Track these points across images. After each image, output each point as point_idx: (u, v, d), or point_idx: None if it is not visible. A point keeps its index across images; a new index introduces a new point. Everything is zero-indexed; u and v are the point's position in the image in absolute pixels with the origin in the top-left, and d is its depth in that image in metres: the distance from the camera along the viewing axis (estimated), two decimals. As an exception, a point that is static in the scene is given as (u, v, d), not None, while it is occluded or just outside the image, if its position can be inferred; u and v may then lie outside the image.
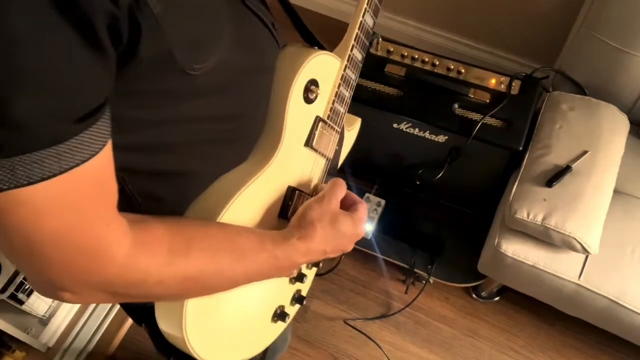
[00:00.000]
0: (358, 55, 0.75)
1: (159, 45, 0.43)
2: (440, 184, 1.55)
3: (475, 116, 1.44)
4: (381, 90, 1.49)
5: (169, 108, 0.50)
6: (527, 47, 1.97)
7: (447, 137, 1.47)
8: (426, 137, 1.50)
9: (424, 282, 1.69)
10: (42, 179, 0.38)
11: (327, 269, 1.75)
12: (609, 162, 1.37)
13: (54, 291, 0.46)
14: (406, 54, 1.54)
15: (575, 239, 1.27)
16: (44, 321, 1.49)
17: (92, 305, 1.61)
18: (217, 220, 0.59)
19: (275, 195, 0.67)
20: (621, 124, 1.45)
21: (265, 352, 0.81)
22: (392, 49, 1.54)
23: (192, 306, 0.60)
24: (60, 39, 0.36)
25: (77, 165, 0.40)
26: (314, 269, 0.85)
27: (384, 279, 1.74)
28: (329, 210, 0.65)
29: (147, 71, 0.44)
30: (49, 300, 1.49)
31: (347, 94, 0.76)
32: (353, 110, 1.63)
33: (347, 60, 0.73)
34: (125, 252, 0.46)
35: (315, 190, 0.75)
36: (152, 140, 0.52)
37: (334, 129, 0.75)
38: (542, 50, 1.91)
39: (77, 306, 1.58)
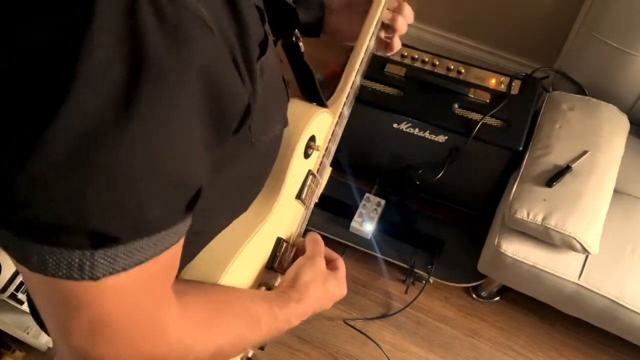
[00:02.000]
0: (346, 112, 0.78)
1: (248, 121, 0.44)
2: (440, 184, 1.55)
3: (475, 116, 1.44)
4: (381, 90, 1.49)
5: (229, 172, 0.51)
6: (527, 47, 1.97)
7: (447, 137, 1.47)
8: (426, 137, 1.50)
9: (424, 282, 1.69)
10: (137, 264, 0.37)
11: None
12: (609, 162, 1.37)
13: None
14: (406, 54, 1.54)
15: (575, 239, 1.27)
16: (44, 321, 1.49)
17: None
18: (221, 276, 0.59)
19: (268, 246, 0.69)
20: (621, 124, 1.45)
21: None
22: (392, 49, 1.54)
23: None
24: (197, 129, 0.37)
25: (167, 249, 0.40)
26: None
27: (384, 279, 1.74)
28: (320, 271, 0.67)
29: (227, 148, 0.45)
30: (49, 300, 1.48)
31: (333, 148, 0.79)
32: (353, 110, 1.63)
33: (338, 118, 0.75)
34: (174, 329, 0.46)
35: (293, 240, 0.76)
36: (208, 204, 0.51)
37: (318, 181, 0.78)
38: (542, 50, 1.91)
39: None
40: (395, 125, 1.51)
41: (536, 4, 1.82)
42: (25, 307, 1.39)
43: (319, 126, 0.70)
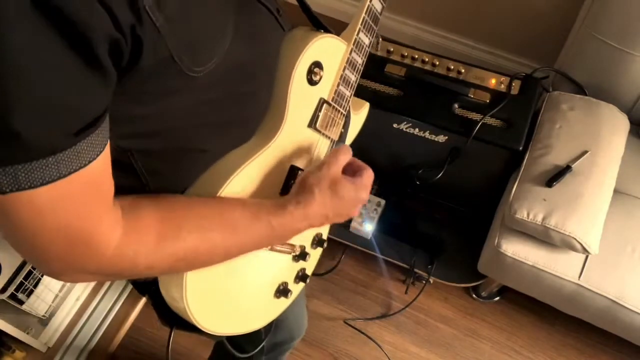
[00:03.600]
0: (365, 40, 0.75)
1: (160, 53, 0.44)
2: (440, 184, 1.55)
3: (475, 116, 1.44)
4: (381, 90, 1.49)
5: (171, 102, 0.52)
6: (527, 47, 1.97)
7: (447, 137, 1.47)
8: (426, 137, 1.50)
9: (424, 282, 1.69)
10: (42, 184, 0.41)
11: (327, 269, 1.75)
12: (609, 162, 1.37)
13: (54, 275, 0.51)
14: (406, 54, 1.54)
15: (575, 239, 1.27)
16: (44, 321, 1.49)
17: (93, 305, 1.61)
18: (217, 194, 0.61)
19: (278, 173, 0.68)
20: (621, 124, 1.45)
21: (269, 327, 0.83)
22: (392, 49, 1.54)
23: (192, 275, 0.62)
24: (58, 59, 0.38)
25: (75, 171, 0.43)
26: (319, 249, 0.86)
27: (384, 279, 1.74)
28: (328, 175, 0.64)
29: (147, 76, 0.45)
30: (48, 300, 1.49)
31: (354, 77, 0.76)
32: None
33: (353, 44, 0.73)
34: (115, 242, 0.50)
35: None
36: (155, 128, 0.54)
37: (339, 112, 0.75)
38: (542, 50, 1.91)
39: (77, 306, 1.58)
40: (395, 125, 1.51)
41: (536, 4, 1.82)
42: (25, 306, 1.39)
43: (324, 51, 0.68)
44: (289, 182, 0.69)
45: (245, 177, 0.63)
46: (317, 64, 0.67)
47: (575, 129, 1.41)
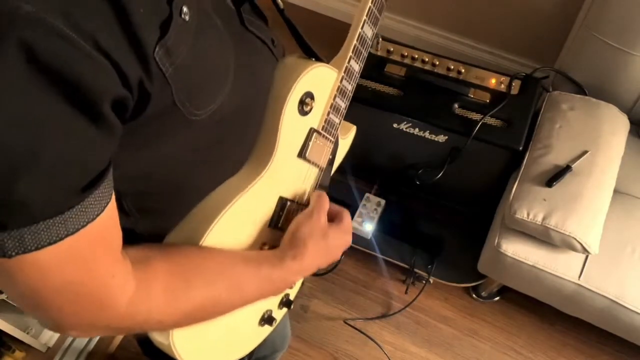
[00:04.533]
0: (355, 67, 0.75)
1: (164, 100, 0.44)
2: (440, 184, 1.55)
3: (475, 116, 1.44)
4: (381, 90, 1.49)
5: (167, 144, 0.51)
6: (527, 47, 1.97)
7: (447, 137, 1.47)
8: (426, 137, 1.50)
9: (424, 282, 1.69)
10: (50, 244, 0.40)
11: (327, 269, 1.75)
12: (609, 162, 1.37)
13: (63, 331, 0.48)
14: (406, 54, 1.54)
15: (575, 239, 1.27)
16: (44, 321, 1.49)
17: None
18: (205, 235, 0.60)
19: (267, 206, 0.68)
20: (621, 124, 1.45)
21: (251, 353, 0.82)
22: (392, 49, 1.54)
23: None
24: (64, 122, 0.37)
25: (83, 227, 0.41)
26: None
27: (384, 279, 1.74)
28: (319, 226, 0.67)
29: (146, 121, 0.44)
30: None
31: (343, 104, 0.76)
32: (353, 110, 1.63)
33: (344, 72, 0.72)
34: (128, 298, 0.48)
35: (307, 200, 0.76)
36: (149, 169, 0.53)
37: (329, 139, 0.75)
38: (542, 50, 1.92)
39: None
40: (395, 125, 1.50)
41: (536, 4, 1.82)
42: (25, 307, 1.39)
43: (315, 81, 0.67)
44: (277, 215, 0.69)
45: (234, 213, 0.62)
46: (309, 95, 0.66)
47: (575, 129, 1.41)
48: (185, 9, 0.42)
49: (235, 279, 0.59)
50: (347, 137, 0.89)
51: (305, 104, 0.66)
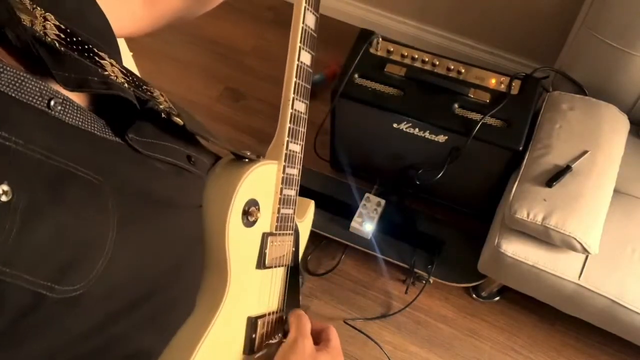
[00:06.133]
0: (296, 148, 0.66)
1: (15, 298, 0.34)
2: (440, 184, 1.55)
3: (475, 116, 1.44)
4: (381, 90, 1.49)
5: (57, 337, 0.40)
6: (527, 47, 1.97)
7: (447, 137, 1.47)
8: (426, 137, 1.50)
9: (424, 282, 1.69)
10: None
11: (327, 269, 1.75)
12: (609, 162, 1.37)
13: None
14: (406, 54, 1.54)
15: (575, 239, 1.27)
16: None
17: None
18: None
19: (236, 333, 0.62)
20: (621, 124, 1.45)
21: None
22: (392, 49, 1.54)
23: None
24: None
25: None
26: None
27: (384, 279, 1.74)
28: (306, 354, 0.61)
29: (11, 323, 0.35)
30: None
31: (293, 192, 0.67)
32: (353, 110, 1.63)
33: (285, 160, 0.64)
34: None
35: (279, 309, 0.70)
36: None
37: (287, 234, 0.68)
38: (542, 50, 1.92)
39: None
40: (395, 125, 1.51)
41: (536, 4, 1.82)
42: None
43: (256, 185, 0.59)
44: (250, 338, 0.63)
45: (205, 355, 0.55)
46: (252, 203, 0.58)
47: (575, 129, 1.41)
48: (5, 186, 0.32)
49: None
50: (305, 218, 0.82)
51: (250, 215, 0.58)
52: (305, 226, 0.81)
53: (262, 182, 0.61)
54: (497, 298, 1.71)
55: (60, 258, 0.37)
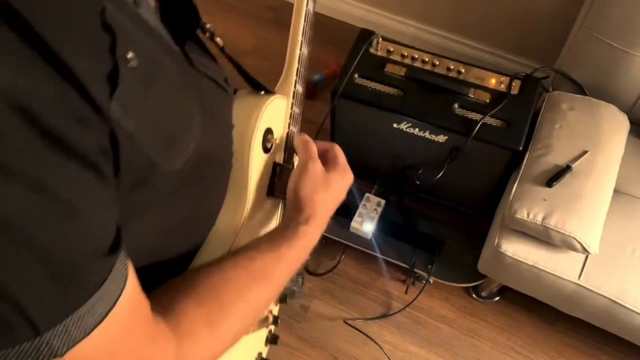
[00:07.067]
0: (300, 89, 0.73)
1: (137, 158, 0.40)
2: (440, 184, 1.55)
3: (475, 116, 1.44)
4: (381, 90, 1.49)
5: (154, 206, 0.47)
6: (527, 47, 1.97)
7: (447, 137, 1.47)
8: (426, 137, 1.50)
9: (424, 282, 1.69)
10: (94, 327, 0.36)
11: (327, 269, 1.75)
12: (609, 162, 1.37)
13: None
14: (406, 54, 1.53)
15: (575, 239, 1.27)
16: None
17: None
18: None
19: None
20: (621, 124, 1.45)
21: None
22: (392, 49, 1.54)
23: None
24: (80, 182, 0.34)
25: (118, 297, 0.38)
26: (278, 304, 0.88)
27: (384, 279, 1.74)
28: (318, 176, 0.63)
29: (128, 185, 0.40)
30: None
31: (296, 130, 0.74)
32: (354, 110, 1.63)
33: (293, 97, 0.71)
34: (174, 356, 0.45)
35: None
36: (139, 234, 0.48)
37: (290, 168, 0.74)
38: (542, 50, 1.92)
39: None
40: (395, 125, 1.51)
41: (536, 4, 1.82)
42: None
43: (273, 115, 0.66)
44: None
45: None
46: (269, 131, 0.64)
47: (575, 129, 1.41)
48: (130, 54, 0.38)
49: (261, 273, 0.56)
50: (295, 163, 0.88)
51: (267, 141, 0.64)
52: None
53: (276, 113, 0.68)
54: (497, 298, 1.71)
55: (168, 128, 0.43)
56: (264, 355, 0.80)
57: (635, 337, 1.42)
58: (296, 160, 0.83)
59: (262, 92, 0.66)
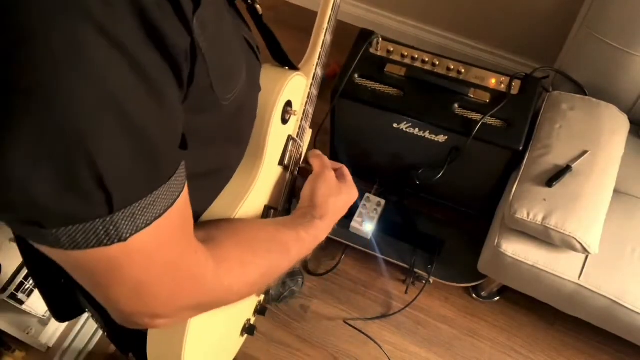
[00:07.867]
0: (319, 72, 0.78)
1: (203, 80, 0.44)
2: (440, 184, 1.55)
3: (475, 116, 1.44)
4: (381, 90, 1.49)
5: (197, 144, 0.51)
6: (527, 47, 1.97)
7: (447, 137, 1.47)
8: (426, 137, 1.50)
9: (424, 282, 1.69)
10: (155, 218, 0.40)
11: (327, 269, 1.75)
12: (609, 162, 1.37)
13: (151, 321, 0.47)
14: (406, 54, 1.53)
15: (575, 239, 1.27)
16: (44, 321, 1.49)
17: (92, 305, 1.60)
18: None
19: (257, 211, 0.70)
20: (621, 124, 1.45)
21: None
22: (392, 49, 1.54)
23: (191, 339, 0.62)
24: (168, 78, 0.39)
25: (177, 197, 0.42)
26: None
27: (384, 279, 1.74)
28: (333, 183, 0.71)
29: (190, 107, 0.45)
30: (49, 300, 1.48)
31: (311, 110, 0.80)
32: (354, 110, 1.63)
33: (312, 79, 0.75)
34: (212, 273, 0.50)
35: (281, 206, 0.79)
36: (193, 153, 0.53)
37: (300, 146, 0.80)
38: (542, 50, 1.91)
39: (77, 306, 1.58)
40: (395, 125, 1.50)
41: (536, 4, 1.82)
42: (25, 306, 1.39)
43: (294, 90, 0.70)
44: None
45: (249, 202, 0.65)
46: (289, 104, 0.69)
47: (575, 129, 1.41)
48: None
49: (284, 244, 0.63)
50: (304, 141, 0.91)
51: (287, 113, 0.69)
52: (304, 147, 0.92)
53: (297, 89, 0.72)
54: (497, 298, 1.71)
55: (227, 62, 0.48)
56: (252, 323, 0.85)
57: (635, 337, 1.42)
58: (306, 136, 0.88)
59: (286, 68, 0.70)
